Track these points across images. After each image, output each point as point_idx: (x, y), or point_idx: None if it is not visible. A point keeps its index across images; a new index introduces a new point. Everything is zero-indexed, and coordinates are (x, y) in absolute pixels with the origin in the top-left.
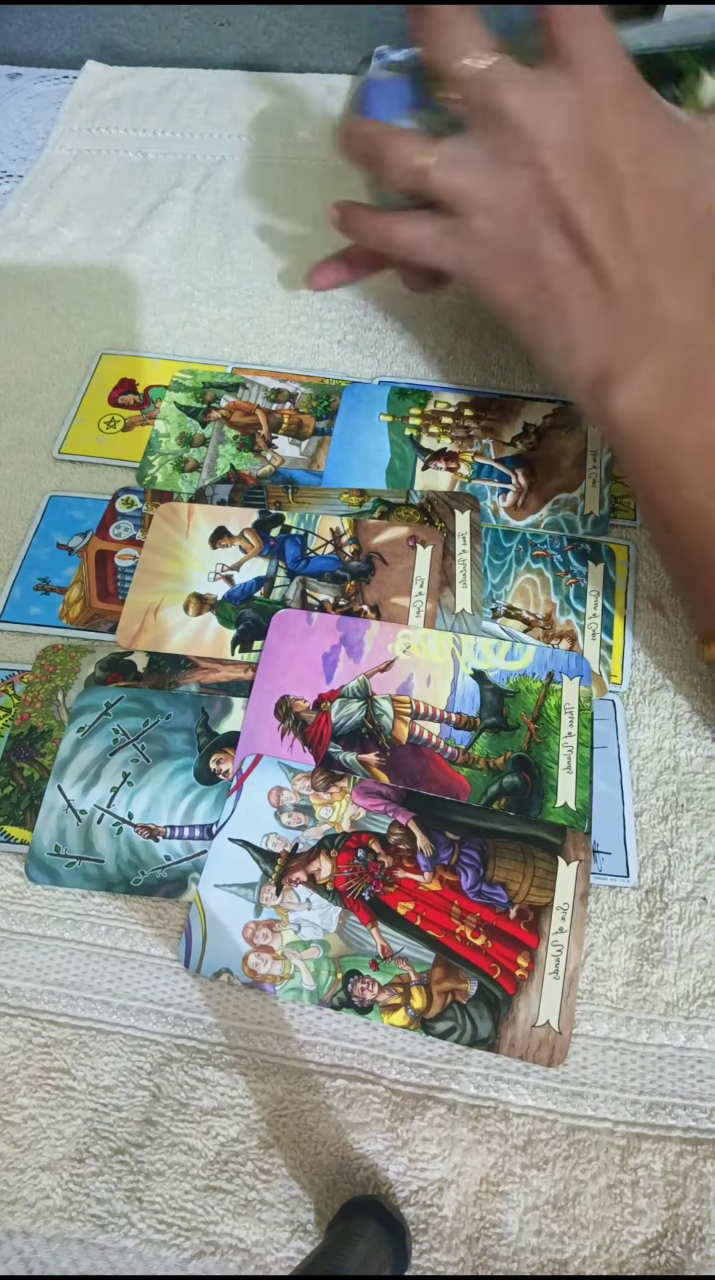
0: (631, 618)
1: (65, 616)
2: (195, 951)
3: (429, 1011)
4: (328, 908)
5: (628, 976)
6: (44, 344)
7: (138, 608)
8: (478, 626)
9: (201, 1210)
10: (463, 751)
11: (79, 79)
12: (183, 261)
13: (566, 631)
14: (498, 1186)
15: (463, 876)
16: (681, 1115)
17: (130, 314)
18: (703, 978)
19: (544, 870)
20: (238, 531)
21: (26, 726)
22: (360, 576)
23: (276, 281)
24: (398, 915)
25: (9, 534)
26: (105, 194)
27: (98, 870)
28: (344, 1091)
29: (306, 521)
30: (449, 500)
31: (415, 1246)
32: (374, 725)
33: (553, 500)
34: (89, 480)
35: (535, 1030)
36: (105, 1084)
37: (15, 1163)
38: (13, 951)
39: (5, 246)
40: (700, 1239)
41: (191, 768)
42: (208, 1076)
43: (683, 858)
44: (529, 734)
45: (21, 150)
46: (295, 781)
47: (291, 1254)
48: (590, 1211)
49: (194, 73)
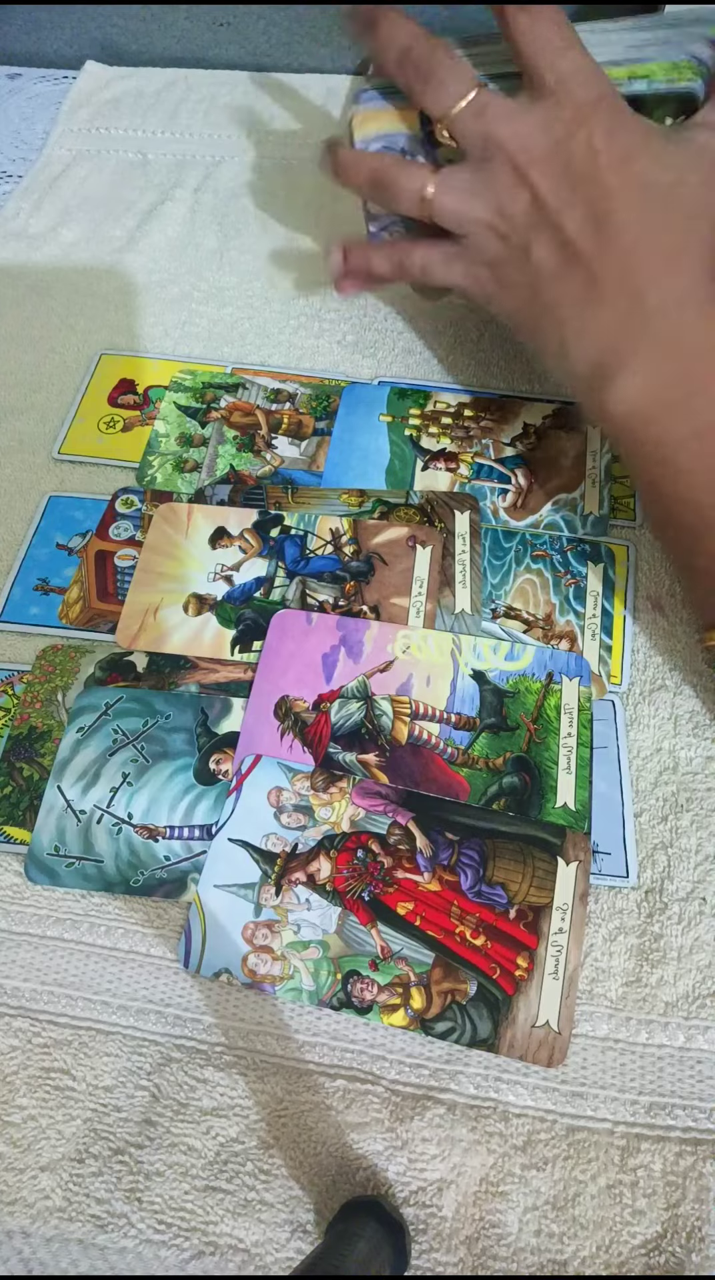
0: (631, 618)
1: (65, 617)
2: (195, 952)
3: (428, 1012)
4: (327, 908)
5: (627, 977)
6: (44, 344)
7: (137, 608)
8: (477, 627)
9: (201, 1210)
10: (462, 752)
11: (78, 79)
12: (182, 262)
13: (566, 632)
14: (497, 1187)
15: (462, 877)
16: (681, 1115)
17: (130, 314)
18: (702, 978)
19: (543, 871)
20: (237, 532)
21: (26, 727)
22: (360, 577)
23: (276, 282)
24: (397, 915)
25: (9, 534)
26: (105, 194)
27: (97, 870)
28: (344, 1092)
29: (306, 522)
30: (449, 500)
31: (415, 1247)
32: (373, 726)
33: (552, 500)
34: (89, 480)
35: (535, 1031)
36: (105, 1084)
37: (15, 1163)
38: (12, 952)
39: (5, 246)
40: (700, 1239)
41: (191, 768)
42: (207, 1077)
43: (682, 858)
44: (528, 734)
45: (21, 150)
46: (295, 782)
47: (291, 1254)
48: (590, 1212)
49: (194, 73)
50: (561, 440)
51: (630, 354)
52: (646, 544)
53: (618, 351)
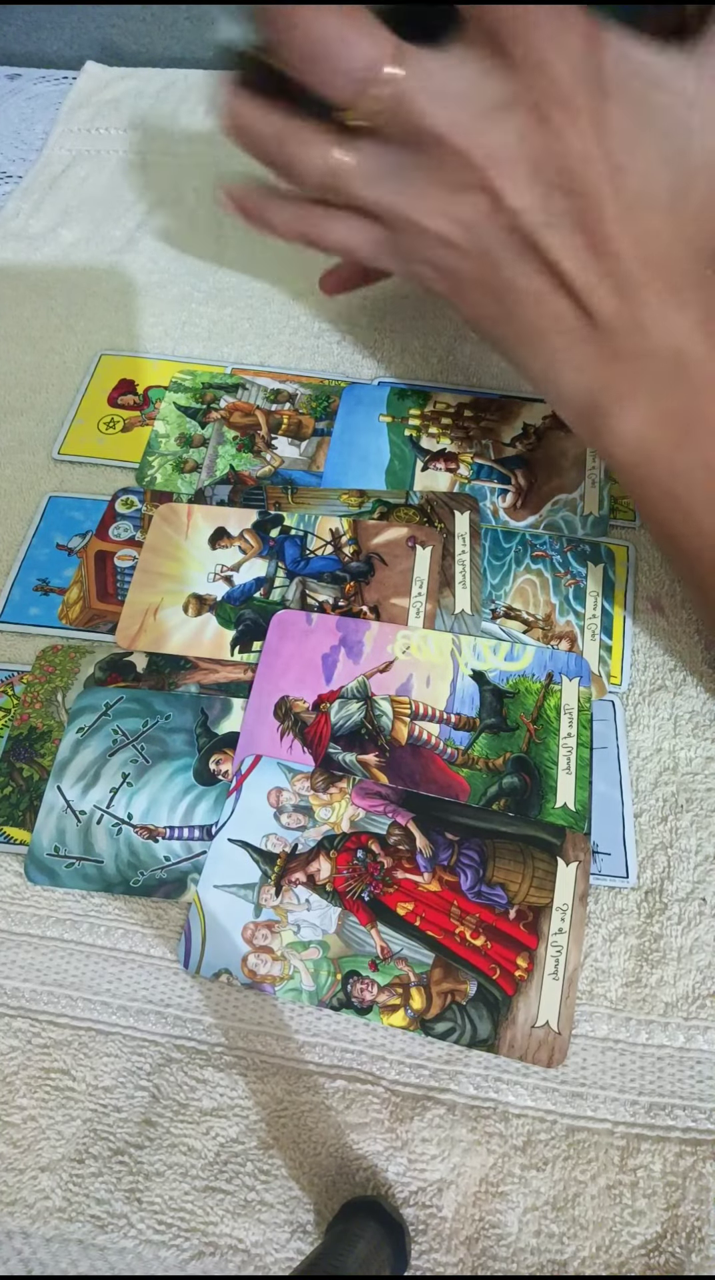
0: (631, 618)
1: (65, 617)
2: (195, 952)
3: (428, 1012)
4: (327, 908)
5: (627, 977)
6: (43, 344)
7: (137, 608)
8: (477, 627)
9: (201, 1211)
10: (462, 752)
11: (78, 80)
12: (182, 262)
13: (566, 632)
14: (497, 1187)
15: (462, 877)
16: (681, 1116)
17: (130, 314)
18: (702, 978)
19: (543, 871)
20: (237, 532)
21: (26, 727)
22: (360, 577)
23: (276, 282)
24: (397, 916)
25: (8, 535)
26: (105, 194)
27: (97, 871)
28: (343, 1092)
29: (306, 522)
30: (448, 501)
31: (415, 1247)
32: (373, 726)
33: (552, 501)
34: (88, 481)
35: (535, 1031)
36: (105, 1085)
37: (15, 1163)
38: (12, 952)
39: (5, 247)
40: (700, 1240)
41: (191, 768)
42: (207, 1077)
43: (682, 858)
44: (528, 735)
45: (21, 151)
46: (295, 782)
47: (291, 1254)
48: (590, 1212)
49: (194, 73)
50: (561, 440)
51: (630, 392)
52: (646, 544)
53: (616, 388)
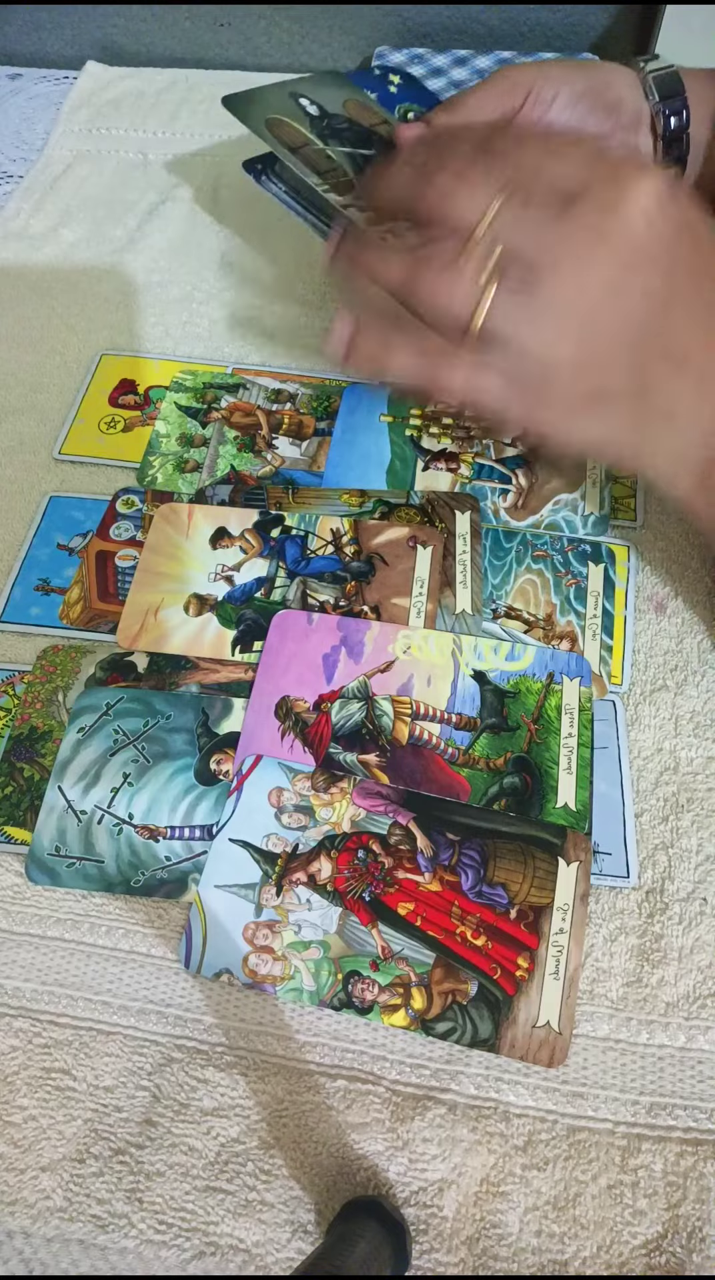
0: (632, 618)
1: (65, 617)
2: (195, 952)
3: (429, 1012)
4: (328, 908)
5: (628, 977)
6: (44, 344)
7: (138, 608)
8: (478, 627)
9: (202, 1211)
10: (463, 752)
11: (79, 79)
12: (183, 262)
13: (567, 632)
14: (498, 1187)
15: (463, 877)
16: (682, 1116)
17: (130, 314)
18: (703, 978)
19: (544, 871)
20: (238, 532)
21: (27, 727)
22: (361, 577)
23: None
24: (398, 916)
25: (9, 534)
26: (105, 194)
27: (98, 871)
28: (344, 1092)
29: (307, 522)
30: (449, 501)
31: (415, 1247)
32: (374, 726)
33: (553, 501)
34: (89, 481)
35: (535, 1031)
36: (105, 1084)
37: (15, 1163)
38: (13, 952)
39: (5, 247)
40: (700, 1239)
41: (192, 768)
42: (208, 1077)
43: (683, 858)
44: (529, 734)
45: (21, 151)
46: (295, 782)
47: (292, 1254)
48: (590, 1212)
49: (194, 73)
50: None
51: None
52: (647, 544)
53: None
